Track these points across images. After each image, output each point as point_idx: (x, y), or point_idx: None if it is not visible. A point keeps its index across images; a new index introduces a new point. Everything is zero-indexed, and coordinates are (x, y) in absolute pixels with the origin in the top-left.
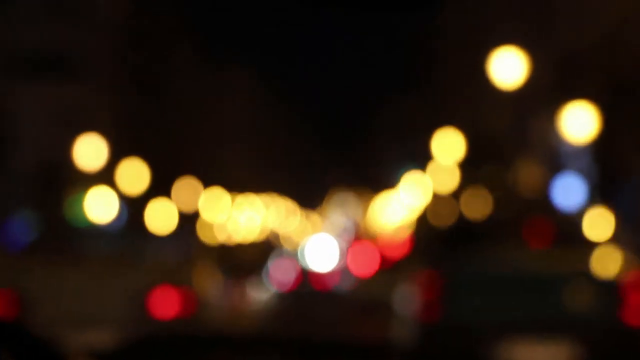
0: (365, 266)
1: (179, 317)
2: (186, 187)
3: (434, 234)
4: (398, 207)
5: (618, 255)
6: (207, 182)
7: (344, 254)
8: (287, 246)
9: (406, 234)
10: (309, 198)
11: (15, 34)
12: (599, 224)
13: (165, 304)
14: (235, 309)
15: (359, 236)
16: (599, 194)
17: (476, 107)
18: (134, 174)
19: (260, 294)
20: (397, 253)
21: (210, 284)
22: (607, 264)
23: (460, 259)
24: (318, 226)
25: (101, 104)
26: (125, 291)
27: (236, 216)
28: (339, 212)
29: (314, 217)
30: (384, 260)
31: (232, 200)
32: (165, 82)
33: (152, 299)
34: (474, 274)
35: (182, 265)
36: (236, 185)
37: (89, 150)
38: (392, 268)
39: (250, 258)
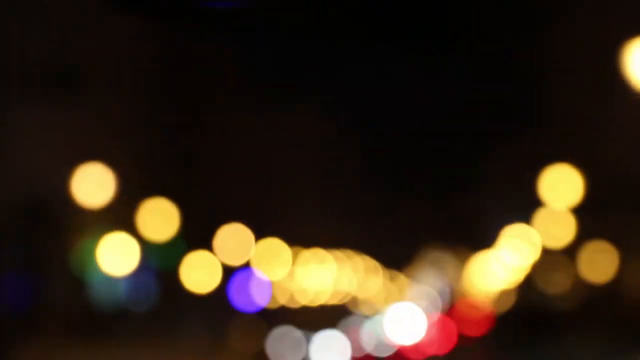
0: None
1: None
2: (232, 237)
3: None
4: (499, 268)
5: None
6: (261, 233)
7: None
8: (365, 311)
9: (487, 307)
10: (394, 257)
11: (19, 44)
12: None
13: None
14: None
15: (453, 303)
16: None
17: (601, 137)
18: (159, 218)
19: None
20: (478, 329)
21: None
22: None
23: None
24: (404, 290)
25: (115, 130)
26: None
27: (301, 274)
28: (431, 274)
29: (400, 278)
30: (463, 337)
31: (294, 256)
32: (211, 113)
33: None
34: None
35: (216, 346)
36: (300, 237)
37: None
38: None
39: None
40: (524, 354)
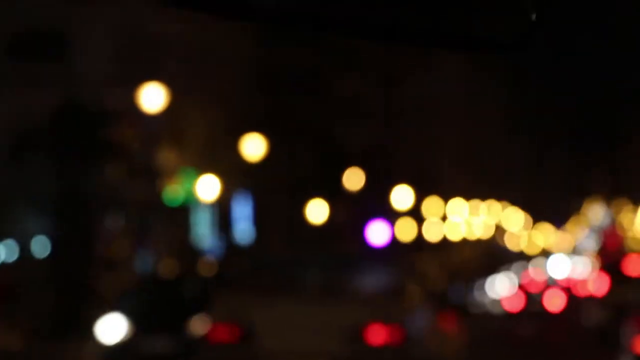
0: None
1: (390, 346)
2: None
3: None
4: None
5: None
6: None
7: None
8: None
9: None
10: (550, 211)
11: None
12: None
13: (376, 336)
14: (447, 336)
15: (611, 254)
16: None
17: None
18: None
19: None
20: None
21: (418, 316)
22: None
23: None
24: (565, 241)
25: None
26: (339, 324)
27: (456, 219)
28: (590, 228)
29: (555, 232)
30: (619, 277)
31: (450, 207)
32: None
33: (365, 332)
34: None
35: (392, 299)
36: (454, 192)
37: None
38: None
39: (470, 262)
40: None
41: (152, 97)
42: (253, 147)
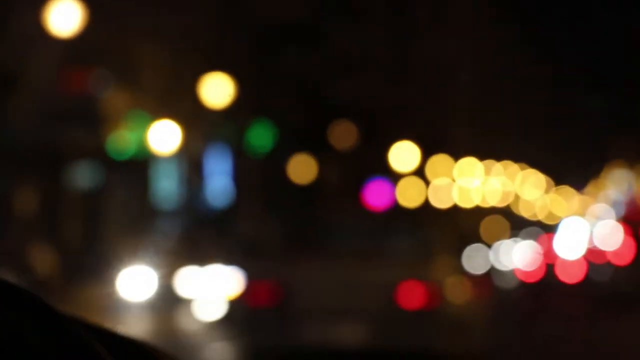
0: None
1: (424, 309)
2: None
3: None
4: None
5: None
6: (428, 149)
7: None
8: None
9: None
10: (572, 173)
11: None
12: None
13: (412, 297)
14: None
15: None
16: None
17: None
18: None
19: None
20: None
21: (451, 278)
22: None
23: None
24: (585, 205)
25: None
26: (375, 285)
27: (466, 182)
28: (612, 193)
29: (577, 196)
30: None
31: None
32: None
33: (400, 293)
34: None
35: (425, 260)
36: (464, 151)
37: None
38: None
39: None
40: None
41: (66, 16)
42: (217, 90)
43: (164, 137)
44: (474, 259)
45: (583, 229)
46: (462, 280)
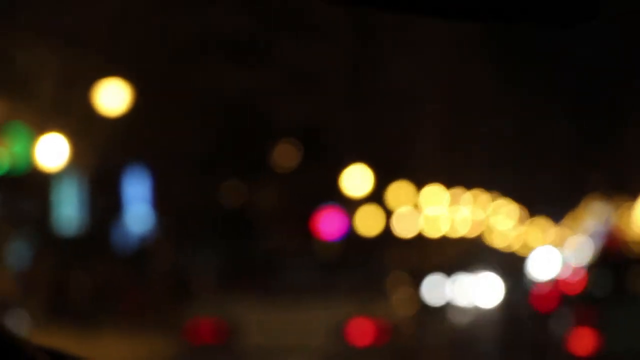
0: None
1: (374, 345)
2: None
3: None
4: None
5: None
6: (386, 175)
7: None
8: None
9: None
10: (548, 204)
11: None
12: None
13: (361, 333)
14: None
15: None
16: None
17: None
18: None
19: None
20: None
21: (405, 312)
22: None
23: None
24: (562, 237)
25: None
26: (324, 321)
27: (433, 210)
28: (590, 224)
29: (553, 228)
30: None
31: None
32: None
33: (349, 329)
34: None
35: (378, 294)
36: (428, 178)
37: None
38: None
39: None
40: None
41: None
42: (113, 98)
43: (51, 151)
44: (434, 291)
45: (554, 258)
46: (414, 315)
